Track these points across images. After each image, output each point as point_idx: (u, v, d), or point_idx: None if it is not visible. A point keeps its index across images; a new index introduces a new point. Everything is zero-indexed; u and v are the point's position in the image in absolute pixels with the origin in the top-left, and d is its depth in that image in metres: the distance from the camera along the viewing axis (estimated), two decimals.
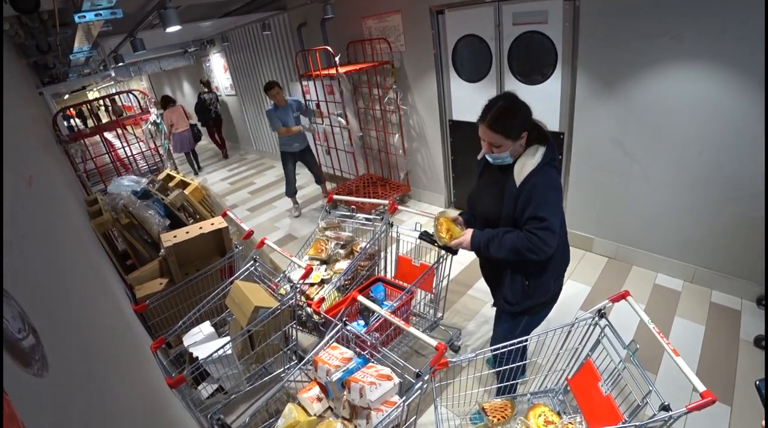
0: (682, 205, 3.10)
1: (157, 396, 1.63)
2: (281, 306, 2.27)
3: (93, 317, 1.31)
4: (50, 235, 1.32)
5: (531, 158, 1.77)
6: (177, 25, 3.00)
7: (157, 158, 5.62)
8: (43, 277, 0.97)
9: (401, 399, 1.68)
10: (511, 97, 1.77)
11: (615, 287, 3.34)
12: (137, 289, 2.65)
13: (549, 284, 1.95)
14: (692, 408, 1.29)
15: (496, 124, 1.73)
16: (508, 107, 1.75)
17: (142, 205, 3.02)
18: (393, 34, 4.58)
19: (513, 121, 1.74)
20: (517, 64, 3.73)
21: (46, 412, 0.63)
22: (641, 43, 2.86)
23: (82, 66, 6.48)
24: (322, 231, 3.12)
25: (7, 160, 1.19)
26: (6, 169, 1.13)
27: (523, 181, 1.76)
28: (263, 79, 7.39)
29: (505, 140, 1.75)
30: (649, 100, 2.97)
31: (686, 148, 2.92)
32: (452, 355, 2.77)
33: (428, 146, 4.91)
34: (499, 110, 1.74)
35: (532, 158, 1.76)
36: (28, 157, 1.69)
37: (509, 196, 1.81)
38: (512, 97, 1.77)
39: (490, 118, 1.74)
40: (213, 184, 7.36)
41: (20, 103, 2.51)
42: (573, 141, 3.52)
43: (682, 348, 1.47)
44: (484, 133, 1.78)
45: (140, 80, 14.04)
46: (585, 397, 1.78)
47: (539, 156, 1.76)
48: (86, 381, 0.89)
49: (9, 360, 0.58)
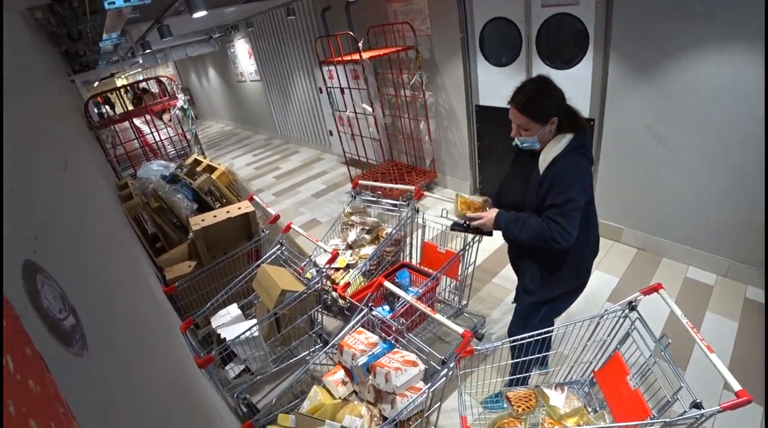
0: (718, 196, 2.97)
1: (187, 375, 1.68)
2: (307, 290, 2.29)
3: (126, 298, 1.35)
4: (85, 218, 1.36)
5: (556, 145, 1.74)
6: (203, 11, 3.03)
7: (184, 143, 5.71)
8: (79, 259, 1.00)
9: (426, 386, 1.69)
10: (543, 81, 1.75)
11: (644, 279, 3.26)
12: (167, 271, 2.72)
13: (568, 275, 1.93)
14: (726, 407, 1.25)
15: (525, 106, 1.72)
16: (539, 90, 1.72)
17: (171, 189, 3.08)
18: (419, 17, 4.50)
19: (542, 105, 1.71)
20: (545, 47, 3.62)
21: (86, 390, 0.65)
22: (680, 25, 2.73)
23: (110, 53, 6.60)
24: (347, 216, 3.13)
25: (44, 145, 1.22)
26: (44, 153, 1.16)
27: (546, 167, 1.74)
28: (288, 64, 7.40)
29: (532, 123, 1.73)
30: (686, 85, 2.85)
31: (724, 135, 2.79)
32: (476, 343, 2.76)
33: (454, 132, 4.85)
34: (529, 93, 1.72)
35: (557, 145, 1.74)
36: (63, 143, 1.74)
37: (533, 183, 1.80)
38: (545, 81, 1.74)
39: (520, 99, 1.73)
40: (239, 169, 7.47)
41: (55, 90, 2.58)
42: (604, 127, 3.42)
43: (713, 345, 1.42)
44: (513, 114, 1.77)
45: (167, 67, 14.26)
46: (612, 390, 1.75)
47: (564, 142, 1.74)
48: (122, 359, 0.92)
49: (52, 339, 0.59)
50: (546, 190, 1.74)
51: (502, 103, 1.82)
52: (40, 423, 0.44)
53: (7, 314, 0.48)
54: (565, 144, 1.73)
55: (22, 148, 0.90)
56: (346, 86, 4.97)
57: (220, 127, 12.91)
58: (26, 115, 1.16)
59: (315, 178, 6.59)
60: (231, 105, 11.53)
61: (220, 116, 12.95)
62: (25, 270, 0.60)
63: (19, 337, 0.49)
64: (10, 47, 1.42)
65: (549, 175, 1.73)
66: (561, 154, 1.72)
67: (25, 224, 0.70)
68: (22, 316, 0.52)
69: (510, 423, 1.81)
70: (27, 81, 1.49)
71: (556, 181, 1.71)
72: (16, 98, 1.12)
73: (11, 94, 1.07)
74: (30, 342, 0.51)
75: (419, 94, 4.79)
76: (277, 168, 7.55)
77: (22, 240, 0.65)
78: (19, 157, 0.85)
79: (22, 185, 0.77)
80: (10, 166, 0.75)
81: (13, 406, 0.41)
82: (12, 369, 0.43)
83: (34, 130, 1.17)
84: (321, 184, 6.32)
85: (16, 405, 0.41)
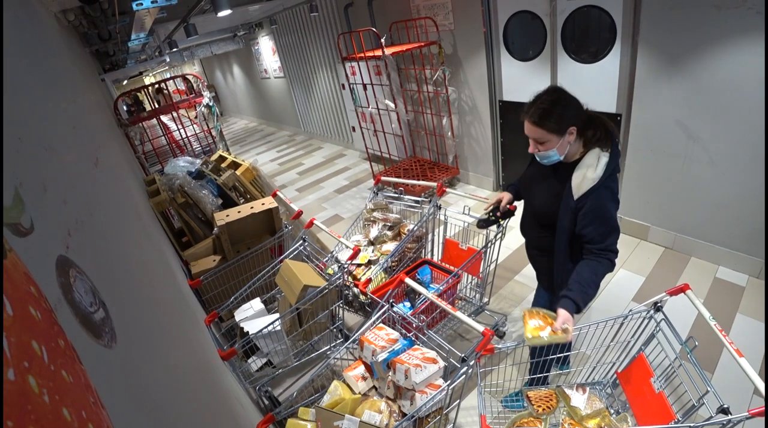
0: (752, 194, 2.86)
1: (211, 367, 1.72)
2: (329, 286, 2.32)
3: (154, 291, 1.39)
4: (115, 214, 1.40)
5: (592, 170, 1.65)
6: (228, 10, 3.07)
7: (210, 140, 5.82)
8: (109, 254, 1.04)
9: (446, 383, 1.69)
10: (557, 90, 1.69)
11: (671, 279, 3.17)
12: (192, 265, 2.79)
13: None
14: (755, 414, 1.21)
15: (539, 118, 1.65)
16: (555, 100, 1.65)
17: (197, 184, 3.15)
18: (441, 12, 4.46)
19: (556, 115, 1.63)
20: (571, 41, 3.55)
21: (115, 381, 0.68)
22: (713, 15, 2.63)
23: (139, 52, 6.77)
24: (369, 213, 3.14)
25: (77, 143, 1.27)
26: (77, 150, 1.20)
27: (582, 195, 1.66)
28: (311, 61, 7.45)
29: (549, 135, 1.65)
30: (720, 78, 2.75)
31: (758, 132, 2.68)
32: (497, 341, 2.74)
33: (477, 127, 4.80)
34: (542, 103, 1.65)
35: (593, 170, 1.64)
36: (95, 140, 1.80)
37: (566, 207, 1.72)
38: (558, 90, 1.69)
39: (533, 112, 1.66)
40: (262, 165, 7.57)
41: (87, 89, 2.66)
42: (631, 123, 3.33)
43: (743, 349, 1.38)
44: (528, 128, 1.70)
45: (192, 65, 14.53)
46: (635, 392, 1.72)
47: (601, 168, 1.64)
48: (148, 351, 0.95)
49: (83, 331, 0.62)
50: (586, 223, 1.68)
51: (526, 99, 1.76)
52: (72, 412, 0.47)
53: (42, 307, 0.51)
54: (602, 169, 1.64)
55: (57, 146, 0.94)
56: (368, 82, 4.97)
57: (245, 123, 13.10)
58: (60, 114, 1.21)
59: (338, 174, 6.63)
60: (255, 101, 11.68)
61: (245, 113, 13.14)
62: (58, 265, 0.63)
63: (53, 329, 0.51)
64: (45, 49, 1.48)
65: (588, 205, 1.66)
66: (599, 182, 1.63)
67: (59, 221, 0.73)
68: (56, 309, 0.55)
69: (530, 423, 1.79)
70: (60, 81, 1.55)
71: (599, 214, 1.65)
72: (52, 99, 1.17)
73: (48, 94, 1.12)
74: (63, 333, 0.54)
75: (442, 89, 4.76)
76: (301, 164, 7.62)
77: (56, 237, 0.68)
78: (54, 156, 0.88)
79: (56, 183, 0.80)
80: (44, 165, 0.78)
81: (48, 395, 0.43)
82: (47, 359, 0.46)
83: (67, 129, 1.22)
84: (343, 180, 6.36)
85: (50, 394, 0.43)
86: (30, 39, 1.25)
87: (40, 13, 1.93)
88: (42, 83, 1.12)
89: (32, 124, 0.83)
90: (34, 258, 0.55)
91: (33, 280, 0.51)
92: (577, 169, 1.69)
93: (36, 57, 1.22)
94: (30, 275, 0.51)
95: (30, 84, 0.97)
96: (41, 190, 0.70)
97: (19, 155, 0.65)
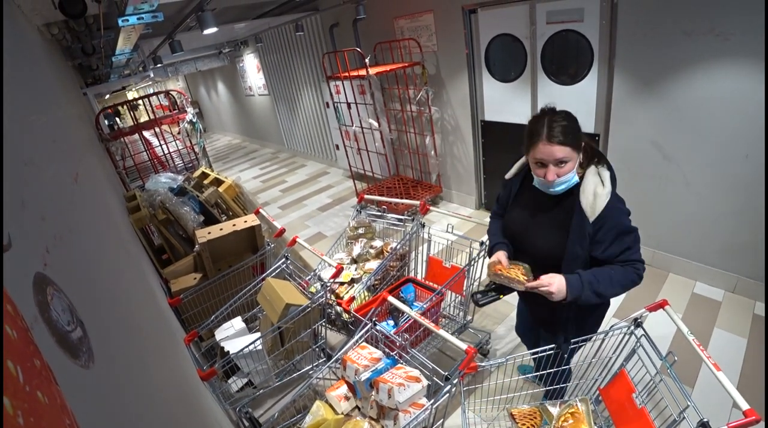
0: (725, 211, 2.96)
1: (191, 388, 1.68)
2: (312, 304, 2.29)
3: (132, 310, 1.36)
4: (94, 230, 1.38)
5: (600, 186, 1.58)
6: (214, 27, 3.08)
7: (192, 156, 5.77)
8: (88, 271, 1.01)
9: (429, 402, 1.68)
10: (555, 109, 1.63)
11: (650, 295, 3.23)
12: (172, 283, 2.74)
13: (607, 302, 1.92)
14: (734, 427, 1.24)
15: (564, 136, 1.51)
16: (564, 116, 1.57)
17: (178, 201, 3.11)
18: (425, 34, 4.56)
19: (576, 130, 1.55)
20: (551, 63, 3.66)
21: (92, 402, 0.66)
22: (683, 41, 2.76)
23: (122, 67, 6.73)
24: (353, 231, 3.14)
25: (57, 158, 1.25)
26: (57, 164, 1.18)
27: (599, 215, 1.56)
28: (296, 79, 7.50)
29: (573, 153, 1.55)
30: (691, 101, 2.86)
31: (730, 151, 2.79)
32: (481, 359, 2.74)
33: (460, 147, 4.88)
34: (558, 122, 1.54)
35: (601, 186, 1.58)
36: (75, 154, 1.77)
37: (579, 233, 1.61)
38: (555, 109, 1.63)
39: (556, 132, 1.51)
40: (245, 182, 7.52)
41: (68, 102, 2.63)
42: (608, 143, 3.43)
43: (722, 362, 1.40)
44: (547, 152, 1.54)
45: (177, 80, 14.48)
46: (618, 408, 1.73)
47: (608, 181, 1.59)
48: (127, 372, 0.93)
49: (59, 351, 0.60)
50: (609, 243, 1.60)
51: (507, 119, 1.78)
52: None
53: (19, 326, 0.49)
54: (609, 183, 1.59)
55: (36, 161, 0.93)
56: (352, 101, 5.02)
57: (228, 140, 13.05)
58: (40, 128, 1.19)
59: (321, 192, 6.63)
60: (239, 118, 11.67)
61: (228, 129, 13.10)
62: (36, 283, 0.62)
63: (29, 348, 0.50)
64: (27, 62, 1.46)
65: (607, 225, 1.58)
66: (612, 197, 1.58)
67: (37, 237, 0.72)
68: (32, 328, 0.54)
69: None
70: (42, 95, 1.53)
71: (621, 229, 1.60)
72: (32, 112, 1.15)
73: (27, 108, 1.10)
74: (39, 353, 0.52)
75: (425, 109, 4.83)
76: (284, 181, 7.60)
77: (33, 254, 0.67)
78: (33, 170, 0.87)
79: (35, 198, 0.79)
80: (23, 180, 0.77)
81: (23, 417, 0.41)
82: (22, 380, 0.44)
83: (47, 143, 1.20)
84: (327, 197, 6.36)
85: (25, 416, 0.42)
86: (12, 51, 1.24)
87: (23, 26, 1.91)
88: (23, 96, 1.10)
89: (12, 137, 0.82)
90: (11, 275, 0.53)
91: (10, 298, 0.50)
92: (583, 189, 1.60)
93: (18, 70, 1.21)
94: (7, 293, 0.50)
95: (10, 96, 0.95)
96: (20, 206, 0.68)
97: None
